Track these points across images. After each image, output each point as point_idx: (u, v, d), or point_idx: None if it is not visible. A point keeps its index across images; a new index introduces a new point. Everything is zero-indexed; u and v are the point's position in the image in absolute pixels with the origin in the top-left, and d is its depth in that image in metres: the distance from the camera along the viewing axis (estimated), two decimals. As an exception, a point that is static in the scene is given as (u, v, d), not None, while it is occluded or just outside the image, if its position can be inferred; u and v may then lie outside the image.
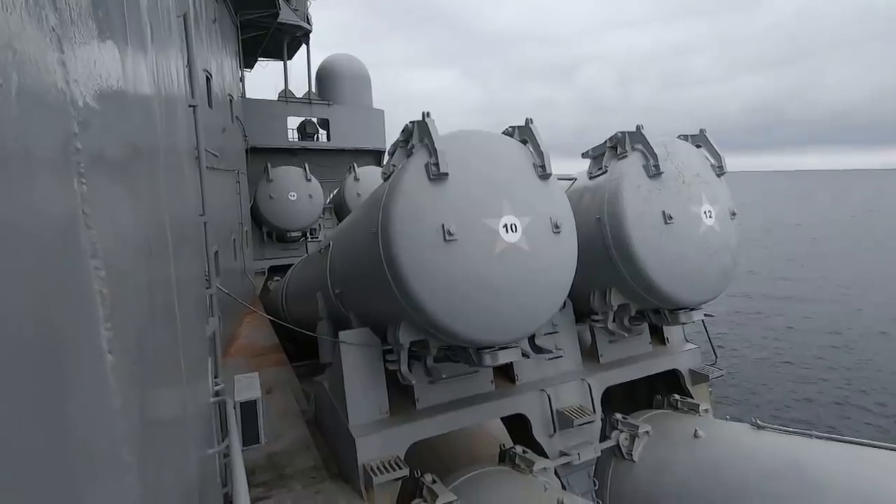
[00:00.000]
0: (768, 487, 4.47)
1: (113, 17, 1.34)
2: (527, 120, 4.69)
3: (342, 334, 5.18)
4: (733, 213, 5.71)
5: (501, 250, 4.10)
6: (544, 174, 4.50)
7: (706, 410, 6.51)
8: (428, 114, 4.19)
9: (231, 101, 12.36)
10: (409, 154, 4.29)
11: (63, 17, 0.91)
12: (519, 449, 5.36)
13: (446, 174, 4.04)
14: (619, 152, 5.80)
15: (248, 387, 3.94)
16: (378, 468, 4.60)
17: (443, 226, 3.94)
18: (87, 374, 0.94)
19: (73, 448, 0.83)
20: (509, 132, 4.85)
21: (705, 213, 5.51)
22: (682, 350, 7.09)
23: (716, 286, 5.61)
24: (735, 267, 5.72)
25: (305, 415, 6.41)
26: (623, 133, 5.78)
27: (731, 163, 5.92)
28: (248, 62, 22.87)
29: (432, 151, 4.06)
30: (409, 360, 4.78)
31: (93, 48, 1.11)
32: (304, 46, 21.59)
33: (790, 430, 5.53)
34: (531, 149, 4.62)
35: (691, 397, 6.84)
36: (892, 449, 4.64)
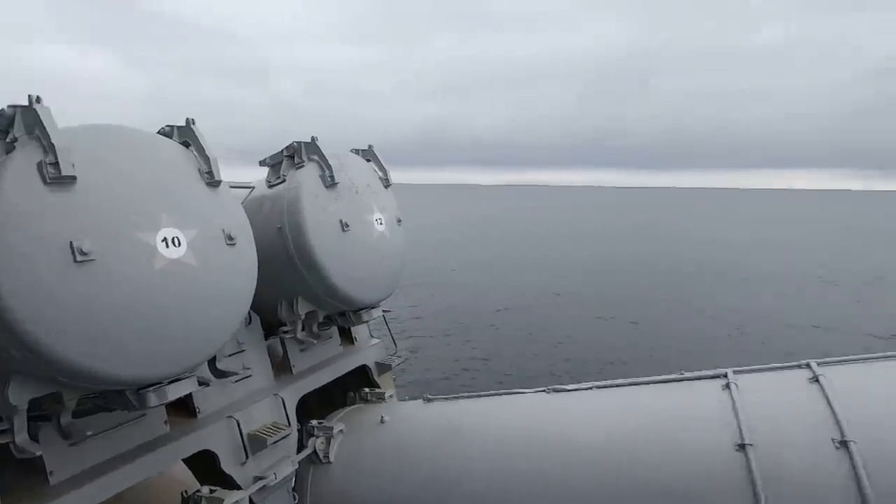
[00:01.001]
0: (435, 452, 5.30)
1: None
2: (188, 120, 4.18)
3: None
4: (399, 220, 6.56)
5: (161, 268, 3.52)
6: (213, 181, 4.10)
7: (391, 396, 7.28)
8: (38, 99, 3.20)
9: None
10: (8, 150, 3.19)
11: None
12: (205, 490, 4.74)
13: (73, 178, 3.20)
14: (296, 162, 5.85)
15: None
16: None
17: (71, 243, 3.10)
18: None
19: None
20: (167, 132, 4.23)
21: (377, 220, 6.13)
22: (369, 346, 7.72)
23: (389, 286, 6.33)
24: (403, 268, 6.58)
25: None
26: (299, 143, 5.86)
27: (405, 176, 6.80)
28: None
29: (48, 148, 3.14)
30: (33, 424, 3.59)
31: None
32: None
33: (455, 395, 6.70)
34: (195, 153, 4.15)
35: (379, 387, 7.52)
36: (519, 392, 6.07)
